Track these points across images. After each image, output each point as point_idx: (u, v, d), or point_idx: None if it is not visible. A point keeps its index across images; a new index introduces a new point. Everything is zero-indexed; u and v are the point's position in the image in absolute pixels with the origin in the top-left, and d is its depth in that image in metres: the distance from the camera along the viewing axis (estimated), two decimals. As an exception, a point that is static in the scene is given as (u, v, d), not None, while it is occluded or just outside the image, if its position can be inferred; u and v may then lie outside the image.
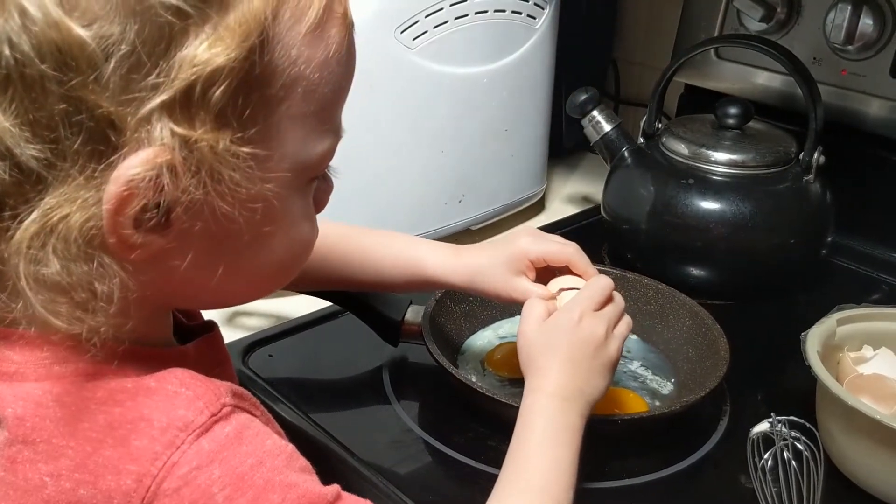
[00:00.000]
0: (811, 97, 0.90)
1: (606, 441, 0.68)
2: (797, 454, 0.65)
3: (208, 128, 0.40)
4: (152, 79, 0.39)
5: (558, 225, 1.09)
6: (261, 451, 0.44)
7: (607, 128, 1.00)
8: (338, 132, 0.48)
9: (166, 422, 0.42)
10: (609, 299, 0.64)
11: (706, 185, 0.92)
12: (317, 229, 0.51)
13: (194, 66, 0.39)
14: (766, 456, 0.66)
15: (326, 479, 0.47)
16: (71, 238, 0.39)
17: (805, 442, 0.66)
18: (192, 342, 0.52)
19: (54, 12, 0.37)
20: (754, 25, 1.05)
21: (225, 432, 0.43)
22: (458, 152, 1.01)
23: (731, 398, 0.77)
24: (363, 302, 0.79)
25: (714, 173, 0.92)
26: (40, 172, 0.39)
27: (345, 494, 0.46)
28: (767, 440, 0.67)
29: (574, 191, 1.26)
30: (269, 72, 0.42)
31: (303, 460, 0.46)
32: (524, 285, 0.67)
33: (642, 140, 1.00)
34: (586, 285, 0.65)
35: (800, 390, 0.73)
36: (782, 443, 0.66)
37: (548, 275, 0.68)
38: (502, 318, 0.86)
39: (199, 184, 0.41)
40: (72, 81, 0.38)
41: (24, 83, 0.38)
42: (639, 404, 0.74)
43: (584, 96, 0.99)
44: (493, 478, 0.56)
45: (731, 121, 0.95)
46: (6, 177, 0.39)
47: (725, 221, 0.91)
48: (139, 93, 0.39)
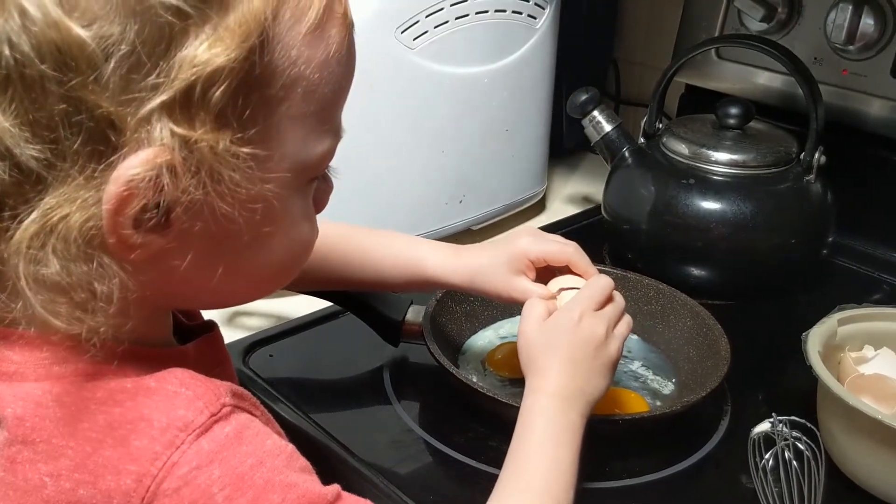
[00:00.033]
0: (812, 97, 0.90)
1: (607, 441, 0.68)
2: (798, 454, 0.65)
3: (208, 128, 0.40)
4: (152, 79, 0.39)
5: (559, 225, 1.09)
6: (261, 451, 0.44)
7: (608, 128, 1.00)
8: (338, 132, 0.48)
9: (166, 422, 0.42)
10: (609, 299, 0.64)
11: (707, 185, 0.92)
12: (317, 229, 0.51)
13: (194, 67, 0.39)
14: (766, 456, 0.66)
15: (327, 479, 0.47)
16: (70, 238, 0.39)
17: (806, 442, 0.66)
18: (192, 342, 0.52)
19: (54, 12, 0.37)
20: (755, 25, 1.05)
21: (225, 432, 0.43)
22: (458, 152, 1.01)
23: (732, 398, 0.77)
24: (363, 302, 0.79)
25: (715, 173, 0.92)
26: (40, 172, 0.39)
27: (345, 494, 0.46)
28: (768, 440, 0.67)
29: (575, 191, 1.26)
30: (269, 72, 0.42)
31: (303, 460, 0.46)
32: (524, 285, 0.67)
33: (643, 140, 1.00)
34: (586, 285, 0.65)
35: (801, 390, 0.73)
36: (783, 443, 0.66)
37: (548, 274, 0.68)
38: (503, 318, 0.86)
39: (199, 184, 0.41)
40: (72, 81, 0.38)
41: (23, 83, 0.38)
42: (640, 404, 0.74)
43: (584, 96, 0.99)
44: (493, 478, 0.56)
45: (731, 121, 0.95)
46: (6, 177, 0.39)
47: (726, 221, 0.91)
48: (139, 93, 0.39)
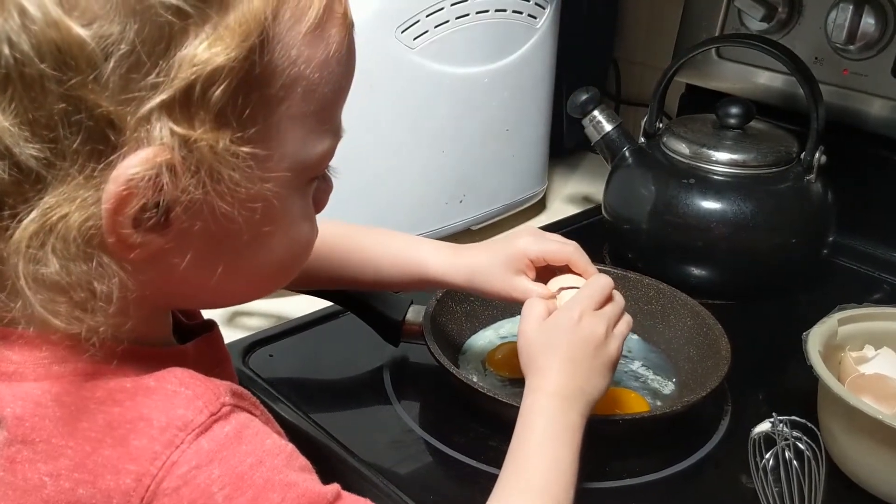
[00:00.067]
0: (812, 97, 0.90)
1: (607, 441, 0.68)
2: (798, 454, 0.65)
3: (208, 127, 0.40)
4: (152, 78, 0.39)
5: (559, 225, 1.09)
6: (260, 450, 0.44)
7: (608, 127, 1.00)
8: (337, 132, 0.48)
9: (165, 421, 0.42)
10: (609, 298, 0.64)
11: (707, 185, 0.92)
12: (316, 229, 0.51)
13: (194, 66, 0.39)
14: (767, 456, 0.66)
15: (327, 479, 0.46)
16: (70, 237, 0.39)
17: (806, 442, 0.66)
18: (192, 341, 0.52)
19: (54, 12, 0.37)
20: (755, 25, 1.05)
21: (224, 432, 0.43)
22: (458, 152, 1.01)
23: (733, 398, 0.77)
24: (364, 302, 0.79)
25: (715, 173, 0.92)
26: (39, 172, 0.39)
27: (344, 494, 0.46)
28: (769, 440, 0.67)
29: (575, 191, 1.26)
30: (268, 71, 0.42)
31: (302, 459, 0.46)
32: (524, 284, 0.67)
33: (643, 140, 1.00)
34: (586, 284, 0.65)
35: (801, 390, 0.72)
36: (784, 442, 0.66)
37: (548, 274, 0.68)
38: (503, 318, 0.86)
39: (199, 183, 0.41)
40: (71, 81, 0.38)
41: (23, 82, 0.38)
42: (640, 404, 0.74)
43: (584, 96, 0.99)
44: (493, 478, 0.55)
45: (732, 120, 0.95)
46: (5, 176, 0.39)
47: (726, 221, 0.91)
48: (139, 92, 0.39)
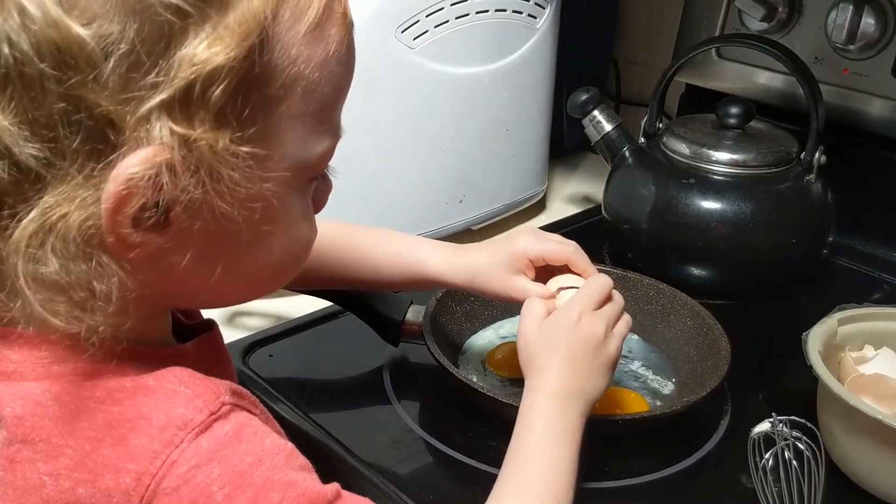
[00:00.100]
0: (812, 97, 0.90)
1: (607, 441, 0.68)
2: (798, 454, 0.65)
3: (207, 127, 0.40)
4: (152, 78, 0.39)
5: (559, 225, 1.09)
6: (260, 449, 0.44)
7: (608, 127, 1.00)
8: (337, 132, 0.48)
9: (165, 420, 0.42)
10: (608, 298, 0.64)
11: (707, 185, 0.92)
12: (315, 229, 0.51)
13: (194, 66, 0.39)
14: (766, 456, 0.66)
15: (327, 479, 0.46)
16: (70, 237, 0.39)
17: (806, 442, 0.66)
18: (192, 341, 0.52)
19: (53, 11, 0.37)
20: (755, 25, 1.05)
21: (224, 431, 0.43)
22: (458, 152, 1.01)
23: (732, 398, 0.77)
24: (363, 302, 0.79)
25: (715, 173, 0.92)
26: (39, 171, 0.39)
27: (344, 493, 0.46)
28: (768, 440, 0.67)
29: (575, 191, 1.26)
30: (268, 71, 0.42)
31: (302, 459, 0.46)
32: (523, 284, 0.67)
33: (643, 140, 1.00)
34: (585, 284, 0.65)
35: (801, 390, 0.72)
36: (783, 442, 0.66)
37: (547, 274, 0.68)
38: (503, 318, 0.86)
39: (199, 183, 0.41)
40: (71, 80, 0.38)
41: (23, 82, 0.38)
42: (640, 404, 0.74)
43: (584, 96, 0.99)
44: (493, 478, 0.55)
45: (732, 120, 0.95)
46: (5, 175, 0.39)
47: (726, 221, 0.91)
48: (138, 92, 0.39)
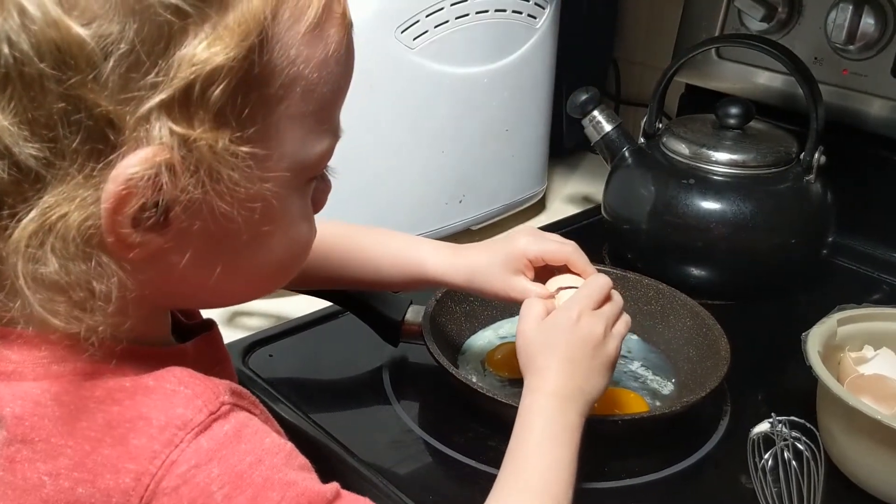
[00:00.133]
0: (812, 97, 0.90)
1: (606, 441, 0.68)
2: (798, 454, 0.65)
3: (207, 127, 0.40)
4: (151, 78, 0.39)
5: (559, 225, 1.09)
6: (260, 449, 0.44)
7: (608, 128, 1.00)
8: (336, 132, 0.48)
9: (165, 420, 0.42)
10: (607, 298, 0.64)
11: (707, 185, 0.92)
12: (315, 229, 0.51)
13: (193, 66, 0.39)
14: (766, 456, 0.66)
15: (326, 479, 0.46)
16: (69, 237, 0.39)
17: (805, 442, 0.66)
18: (191, 341, 0.52)
19: (53, 11, 0.37)
20: (755, 25, 1.05)
21: (224, 431, 0.43)
22: (458, 152, 1.01)
23: (732, 398, 0.77)
24: (363, 302, 0.79)
25: (715, 173, 0.92)
26: (39, 171, 0.39)
27: (344, 493, 0.46)
28: (768, 440, 0.67)
29: (575, 191, 1.26)
30: (268, 71, 0.42)
31: (302, 458, 0.46)
32: (523, 284, 0.67)
33: (643, 140, 1.00)
34: (584, 284, 0.65)
35: (800, 390, 0.72)
36: (783, 443, 0.66)
37: (547, 274, 0.68)
38: (503, 318, 0.86)
39: (198, 183, 0.41)
40: (71, 80, 0.38)
41: (22, 82, 0.38)
42: (639, 404, 0.74)
43: (584, 96, 0.99)
44: (493, 478, 0.55)
45: (731, 121, 0.95)
46: (5, 175, 0.39)
47: (726, 221, 0.91)
48: (138, 92, 0.39)
